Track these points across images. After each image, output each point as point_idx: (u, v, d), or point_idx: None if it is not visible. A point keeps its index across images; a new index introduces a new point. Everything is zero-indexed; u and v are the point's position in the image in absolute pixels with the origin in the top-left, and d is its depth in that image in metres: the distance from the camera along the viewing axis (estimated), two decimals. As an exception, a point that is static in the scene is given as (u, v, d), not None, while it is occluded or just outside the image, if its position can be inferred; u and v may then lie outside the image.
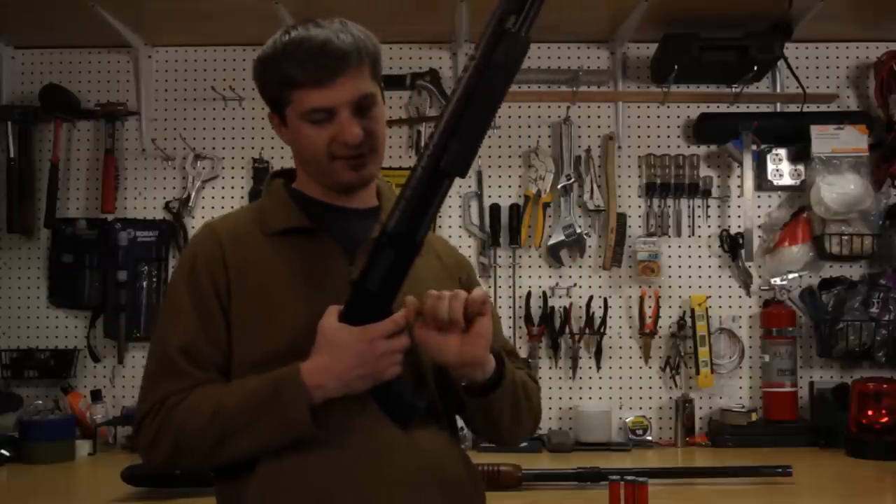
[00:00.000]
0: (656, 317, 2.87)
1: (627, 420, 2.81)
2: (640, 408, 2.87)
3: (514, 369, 1.38)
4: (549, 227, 2.90)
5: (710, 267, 2.94)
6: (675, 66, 2.80)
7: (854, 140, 2.80)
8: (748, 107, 2.96)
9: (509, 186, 2.95)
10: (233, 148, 2.98)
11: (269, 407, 1.22)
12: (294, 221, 1.35)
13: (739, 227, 2.90)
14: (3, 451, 2.53)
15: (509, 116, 2.97)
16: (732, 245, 2.90)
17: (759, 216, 2.92)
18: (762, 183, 2.92)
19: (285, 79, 1.28)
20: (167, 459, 1.27)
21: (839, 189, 2.75)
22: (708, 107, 2.95)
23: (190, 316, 1.30)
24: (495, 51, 1.14)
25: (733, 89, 2.95)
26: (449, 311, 1.22)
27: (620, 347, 2.91)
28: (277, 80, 1.30)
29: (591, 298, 2.87)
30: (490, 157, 2.96)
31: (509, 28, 1.15)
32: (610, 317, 2.87)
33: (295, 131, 1.32)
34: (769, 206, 2.95)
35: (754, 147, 2.85)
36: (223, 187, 2.96)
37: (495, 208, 2.91)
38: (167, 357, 1.29)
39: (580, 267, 2.91)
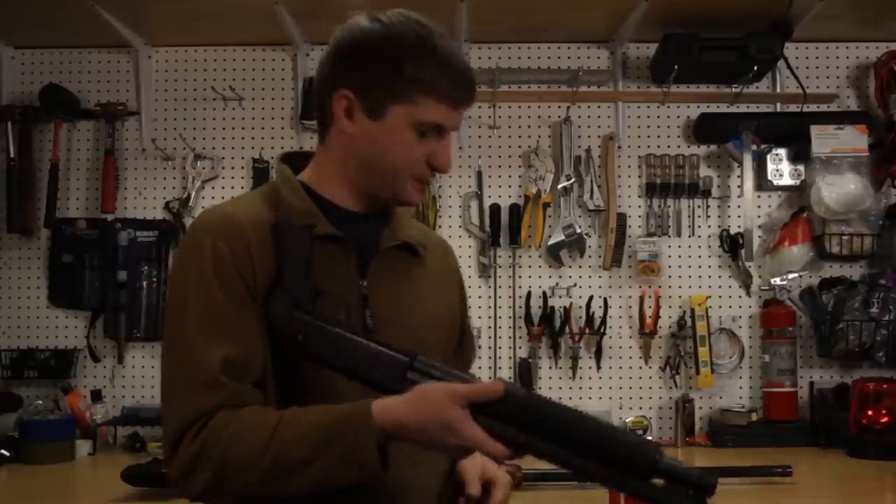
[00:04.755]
0: (656, 317, 2.87)
1: (627, 420, 2.81)
2: (640, 408, 2.87)
3: None
4: (549, 227, 2.90)
5: (710, 267, 2.94)
6: (675, 66, 2.80)
7: (854, 140, 2.79)
8: (748, 107, 2.96)
9: (509, 186, 2.95)
10: (233, 148, 2.98)
11: (333, 442, 1.08)
12: (322, 229, 1.24)
13: (739, 227, 2.89)
14: (3, 451, 2.53)
15: (509, 116, 2.97)
16: (732, 245, 2.90)
17: (759, 216, 2.92)
18: (762, 183, 2.91)
19: (424, 80, 1.21)
20: (207, 488, 1.12)
21: (839, 189, 2.75)
22: (708, 107, 2.95)
23: (230, 319, 1.16)
24: None
25: (733, 89, 2.95)
26: None
27: (620, 347, 2.90)
28: (409, 75, 1.21)
29: (591, 298, 2.87)
30: (490, 157, 2.96)
31: None
32: (610, 317, 2.87)
33: (388, 131, 1.23)
34: (769, 206, 2.95)
35: (754, 147, 2.85)
36: (223, 187, 2.96)
37: (495, 208, 2.91)
38: (206, 368, 1.12)
39: (580, 267, 2.91)
